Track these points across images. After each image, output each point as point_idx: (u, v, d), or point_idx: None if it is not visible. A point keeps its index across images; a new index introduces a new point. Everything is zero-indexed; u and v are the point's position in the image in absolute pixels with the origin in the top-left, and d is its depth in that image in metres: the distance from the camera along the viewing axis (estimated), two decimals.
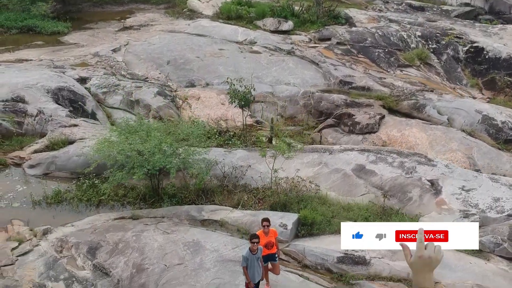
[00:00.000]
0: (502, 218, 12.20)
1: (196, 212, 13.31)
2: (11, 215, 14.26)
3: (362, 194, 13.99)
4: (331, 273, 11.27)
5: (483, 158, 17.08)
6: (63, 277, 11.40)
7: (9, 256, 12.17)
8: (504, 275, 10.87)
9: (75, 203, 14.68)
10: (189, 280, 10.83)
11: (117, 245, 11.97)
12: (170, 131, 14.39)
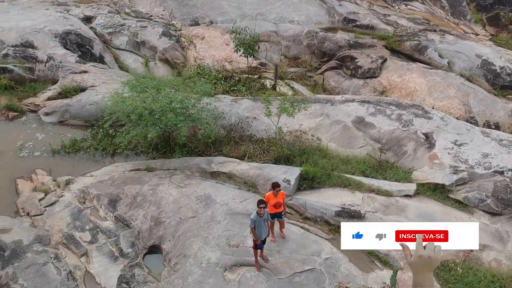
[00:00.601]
0: (488, 174, 13.16)
1: (206, 165, 14.28)
2: (34, 164, 15.27)
3: (361, 147, 14.85)
4: (329, 225, 12.44)
5: (478, 105, 17.73)
6: (88, 227, 12.62)
7: (37, 207, 13.33)
8: (485, 229, 12.04)
9: (91, 152, 15.65)
10: (202, 232, 12.05)
11: (135, 198, 13.09)
12: (179, 85, 14.90)
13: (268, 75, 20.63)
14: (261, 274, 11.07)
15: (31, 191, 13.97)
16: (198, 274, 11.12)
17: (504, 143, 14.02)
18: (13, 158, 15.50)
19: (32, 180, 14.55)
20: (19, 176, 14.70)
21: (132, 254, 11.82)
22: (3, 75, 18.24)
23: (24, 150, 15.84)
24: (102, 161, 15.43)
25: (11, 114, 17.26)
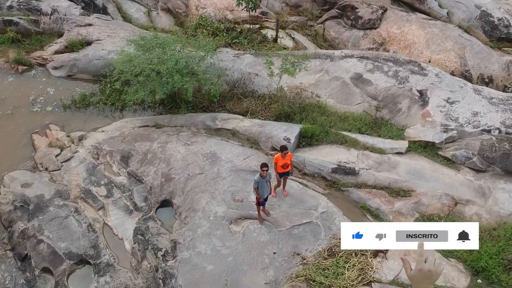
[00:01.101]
0: (476, 132, 13.92)
1: (211, 122, 15.02)
2: (47, 119, 16.01)
3: (358, 103, 15.49)
4: (326, 181, 13.41)
5: (474, 58, 18.12)
6: (103, 182, 13.60)
7: (55, 162, 14.24)
8: (469, 185, 13.01)
9: (101, 107, 16.31)
10: (209, 187, 13.04)
11: (146, 155, 13.96)
12: (183, 43, 15.24)
13: (269, 24, 20.77)
14: (263, 227, 12.17)
15: (47, 147, 14.80)
16: (207, 227, 12.22)
17: (494, 102, 14.66)
18: (27, 113, 16.20)
19: (47, 136, 15.34)
20: (35, 131, 15.49)
21: (145, 208, 12.87)
22: (9, 27, 18.49)
23: (36, 105, 16.50)
24: (111, 116, 16.14)
25: (20, 68, 17.74)
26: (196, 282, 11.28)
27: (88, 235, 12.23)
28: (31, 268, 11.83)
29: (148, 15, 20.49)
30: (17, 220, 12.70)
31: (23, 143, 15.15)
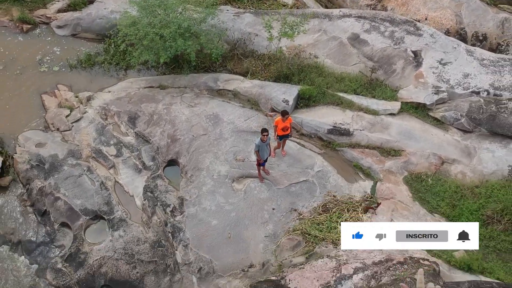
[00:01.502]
0: (466, 94, 14.51)
1: (213, 83, 15.56)
2: (55, 79, 16.53)
3: (354, 64, 15.95)
4: (322, 141, 14.18)
5: (470, 16, 18.29)
6: (113, 142, 14.38)
7: (65, 123, 14.94)
8: (456, 145, 13.79)
9: (106, 67, 16.77)
10: (212, 148, 13.83)
11: (152, 116, 14.64)
12: (185, 4, 15.44)
13: None
14: (263, 185, 13.09)
15: (57, 107, 15.44)
16: (211, 185, 13.15)
17: (485, 63, 15.13)
18: (35, 73, 16.69)
19: (56, 96, 15.93)
20: (44, 92, 16.05)
21: (153, 167, 13.73)
22: None
23: (43, 65, 16.95)
24: (117, 76, 16.63)
25: (25, 27, 18.00)
26: (202, 235, 12.35)
27: (101, 193, 13.17)
28: (51, 223, 12.86)
29: None
30: (34, 178, 13.59)
31: (34, 103, 15.78)
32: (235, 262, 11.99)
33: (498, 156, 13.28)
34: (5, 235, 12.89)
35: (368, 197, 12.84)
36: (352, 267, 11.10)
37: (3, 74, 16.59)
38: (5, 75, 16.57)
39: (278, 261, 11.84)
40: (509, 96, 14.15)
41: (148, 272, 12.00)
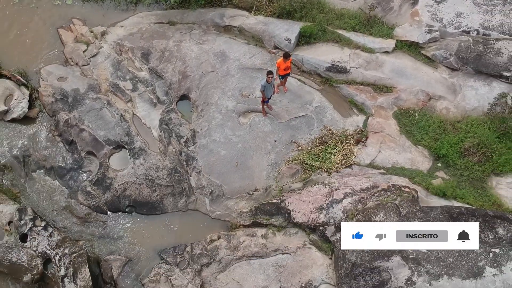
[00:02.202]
0: (457, 33, 15.23)
1: (219, 19, 16.23)
2: (69, 13, 17.13)
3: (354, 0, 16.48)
4: (321, 77, 15.21)
5: None
6: (129, 77, 15.45)
7: (83, 58, 15.89)
8: (443, 82, 14.85)
9: (117, 1, 17.28)
10: (220, 84, 14.95)
11: (163, 53, 15.55)
12: None
13: None
14: (267, 119, 14.41)
15: (74, 42, 16.28)
16: (219, 119, 14.47)
17: (478, 2, 15.63)
18: (49, 7, 17.25)
19: (71, 30, 16.68)
20: (60, 26, 16.78)
21: (167, 101, 14.95)
22: None
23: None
24: (128, 9, 17.20)
25: None
26: (213, 163, 13.92)
27: (121, 125, 14.54)
28: (78, 151, 14.38)
29: None
30: (59, 111, 14.89)
31: (51, 37, 16.57)
32: (241, 187, 13.67)
33: (480, 94, 14.42)
34: (39, 161, 14.46)
35: (360, 130, 14.21)
36: (342, 193, 12.81)
37: (18, 8, 17.18)
38: (21, 9, 17.17)
39: (278, 186, 13.51)
40: (497, 36, 14.92)
41: (166, 194, 13.74)
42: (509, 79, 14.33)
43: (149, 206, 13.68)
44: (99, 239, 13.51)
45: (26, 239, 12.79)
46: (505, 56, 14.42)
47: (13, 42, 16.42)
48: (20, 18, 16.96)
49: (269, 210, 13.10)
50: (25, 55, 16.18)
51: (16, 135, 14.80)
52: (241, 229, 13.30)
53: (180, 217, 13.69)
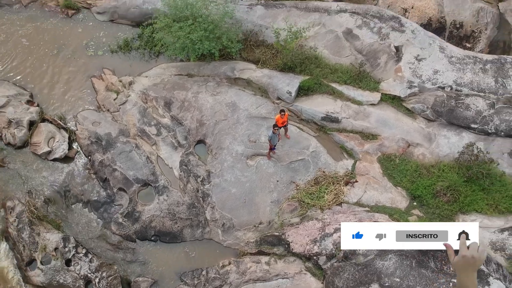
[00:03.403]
0: (433, 89, 17.64)
1: (230, 72, 18.72)
2: (100, 63, 19.66)
3: (347, 56, 18.91)
4: (317, 125, 17.67)
5: (450, 5, 20.79)
6: (153, 123, 17.95)
7: (114, 105, 18.40)
8: (421, 131, 17.28)
9: (141, 52, 19.81)
10: (231, 131, 17.42)
11: (183, 103, 18.05)
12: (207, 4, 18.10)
13: None
14: (270, 162, 16.86)
15: (106, 90, 18.80)
16: (230, 161, 16.94)
17: (453, 61, 18.08)
18: (83, 57, 19.80)
19: (103, 79, 19.21)
20: (93, 75, 19.31)
21: (186, 145, 17.43)
22: None
23: (89, 49, 20.00)
24: (151, 60, 19.71)
25: (70, 12, 20.75)
26: (225, 200, 16.38)
27: (148, 165, 17.02)
28: (110, 188, 16.86)
29: None
30: (94, 152, 17.39)
31: (86, 85, 19.09)
32: (249, 220, 16.12)
33: (452, 142, 16.83)
34: (78, 195, 16.96)
35: (349, 173, 16.66)
36: (333, 228, 15.23)
37: (57, 58, 19.72)
38: (59, 59, 19.71)
39: (280, 220, 15.94)
40: (467, 91, 17.34)
41: (185, 226, 16.21)
42: (476, 130, 16.74)
43: (171, 235, 16.15)
44: (129, 263, 15.97)
45: (70, 264, 15.28)
46: (473, 110, 16.84)
47: (53, 89, 18.95)
48: (58, 67, 19.48)
49: (272, 241, 15.54)
50: (64, 101, 18.69)
51: (58, 172, 17.29)
52: (248, 256, 15.71)
53: (197, 245, 16.14)
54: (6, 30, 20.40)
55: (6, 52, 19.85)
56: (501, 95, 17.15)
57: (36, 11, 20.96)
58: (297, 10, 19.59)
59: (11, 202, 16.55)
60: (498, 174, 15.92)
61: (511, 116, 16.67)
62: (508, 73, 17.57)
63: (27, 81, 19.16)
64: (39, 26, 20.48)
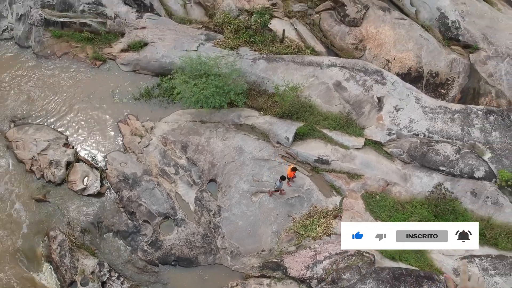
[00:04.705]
0: (409, 135, 20.71)
1: (237, 119, 21.84)
2: (125, 109, 22.76)
3: (336, 105, 22.00)
4: (311, 166, 20.77)
5: (427, 56, 23.89)
6: (172, 164, 21.05)
7: (138, 148, 21.50)
8: (398, 172, 20.34)
9: (161, 99, 22.92)
10: (238, 171, 20.51)
11: (197, 146, 21.15)
12: (218, 63, 21.23)
13: (278, 14, 25.96)
14: (271, 198, 19.92)
15: (131, 134, 21.90)
16: (237, 198, 20.00)
17: (426, 111, 21.17)
18: (110, 104, 22.91)
19: (128, 124, 22.33)
20: (119, 120, 22.44)
21: (200, 183, 20.52)
22: (85, 28, 24.11)
23: (115, 97, 23.12)
24: (169, 107, 22.82)
25: (98, 63, 23.89)
26: (233, 231, 19.43)
27: (168, 201, 20.10)
28: (137, 220, 19.93)
29: (184, 7, 25.63)
30: (122, 189, 20.48)
31: (114, 129, 22.22)
32: (253, 248, 19.15)
33: (424, 182, 19.89)
34: (109, 226, 20.02)
35: (337, 208, 19.73)
36: (323, 256, 18.26)
37: (87, 104, 22.87)
38: (90, 105, 22.85)
39: (279, 249, 18.96)
40: (438, 138, 20.44)
41: (200, 253, 19.26)
42: (444, 172, 19.80)
43: (188, 261, 19.20)
44: (153, 284, 19.00)
45: (105, 286, 18.37)
46: (442, 155, 19.92)
47: (85, 133, 22.06)
48: (89, 113, 22.60)
49: (272, 266, 18.57)
50: (95, 144, 21.80)
51: (91, 206, 20.37)
52: (252, 278, 18.74)
53: (209, 269, 19.16)
54: (43, 79, 23.55)
55: (44, 99, 22.99)
56: (466, 141, 20.24)
57: (68, 61, 24.09)
58: (294, 64, 22.70)
59: (53, 232, 19.61)
60: (461, 210, 18.94)
61: (474, 160, 19.73)
62: (473, 122, 20.68)
63: (63, 125, 22.28)
64: (71, 75, 23.62)
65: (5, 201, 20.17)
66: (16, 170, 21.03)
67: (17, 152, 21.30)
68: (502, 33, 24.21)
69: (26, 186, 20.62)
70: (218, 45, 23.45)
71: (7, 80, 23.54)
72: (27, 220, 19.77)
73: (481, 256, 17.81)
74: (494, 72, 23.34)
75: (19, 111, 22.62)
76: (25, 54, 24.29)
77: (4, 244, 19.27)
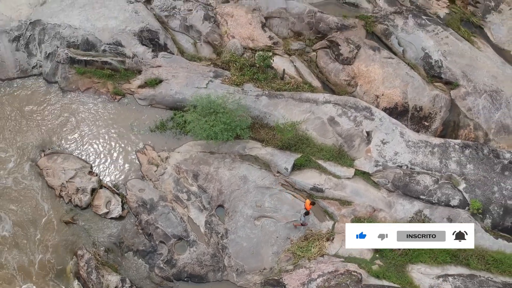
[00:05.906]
0: (394, 167, 23.34)
1: (242, 150, 24.53)
2: (143, 140, 25.47)
3: (330, 138, 24.62)
4: (307, 193, 23.44)
5: (412, 92, 26.53)
6: (185, 190, 23.74)
7: (155, 176, 24.21)
8: (383, 200, 22.99)
9: (174, 131, 25.63)
10: (243, 198, 23.17)
11: (207, 175, 23.84)
12: (226, 102, 23.92)
13: (279, 51, 28.68)
14: (271, 222, 22.52)
15: (148, 163, 24.61)
16: (242, 222, 22.67)
17: (409, 145, 23.82)
18: (129, 136, 25.63)
19: (145, 154, 25.04)
20: (138, 150, 25.17)
21: (209, 208, 23.19)
22: (106, 66, 26.86)
23: (134, 129, 25.83)
24: (181, 138, 25.52)
25: (117, 97, 26.62)
26: (238, 251, 22.10)
27: (181, 224, 22.79)
28: (154, 240, 22.61)
29: (195, 46, 28.38)
30: (141, 213, 23.17)
31: (133, 158, 24.94)
32: (256, 267, 21.81)
33: (406, 208, 22.50)
34: (129, 246, 22.72)
35: (329, 231, 22.38)
36: (317, 274, 20.92)
37: (108, 135, 25.58)
38: (111, 136, 25.58)
39: (278, 267, 21.62)
40: (419, 170, 23.09)
41: (209, 270, 21.93)
42: (424, 200, 22.44)
43: (199, 277, 21.86)
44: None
45: None
46: (422, 185, 22.57)
47: (108, 162, 24.77)
48: (110, 144, 25.32)
49: (273, 283, 21.21)
50: (116, 172, 24.52)
51: (114, 228, 23.06)
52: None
53: (217, 285, 21.82)
54: (69, 111, 26.30)
55: (70, 130, 25.73)
56: (443, 173, 22.89)
57: (91, 96, 26.82)
58: (293, 100, 25.40)
59: (81, 251, 22.30)
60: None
61: (450, 190, 22.37)
62: (450, 155, 23.32)
63: (88, 155, 25.01)
64: (93, 109, 26.37)
65: (35, 222, 22.91)
66: (47, 195, 23.71)
67: (47, 179, 24.01)
68: (480, 71, 26.86)
69: (56, 209, 23.31)
70: (226, 82, 26.12)
71: (36, 112, 26.27)
72: (56, 239, 22.49)
73: (454, 275, 20.49)
74: (472, 107, 25.97)
75: (48, 141, 25.32)
76: (52, 88, 27.01)
77: (37, 263, 21.97)
